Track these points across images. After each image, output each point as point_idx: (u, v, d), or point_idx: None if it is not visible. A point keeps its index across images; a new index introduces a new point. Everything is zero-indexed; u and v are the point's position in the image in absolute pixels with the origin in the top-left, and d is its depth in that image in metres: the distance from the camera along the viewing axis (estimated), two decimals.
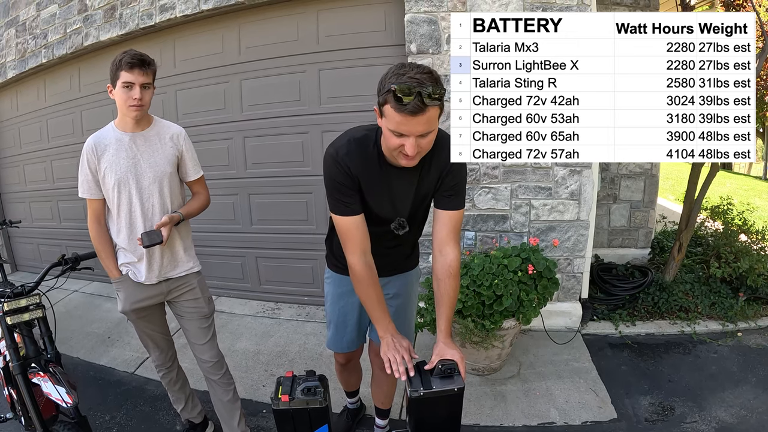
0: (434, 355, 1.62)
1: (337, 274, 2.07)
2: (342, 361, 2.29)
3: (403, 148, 1.50)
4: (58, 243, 5.51)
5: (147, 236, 1.99)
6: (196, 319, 2.27)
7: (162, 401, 2.89)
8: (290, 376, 1.70)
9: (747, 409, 2.71)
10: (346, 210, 1.70)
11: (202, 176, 2.28)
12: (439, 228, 1.77)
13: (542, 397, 2.86)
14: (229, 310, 4.25)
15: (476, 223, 3.57)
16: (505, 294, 2.77)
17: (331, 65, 3.71)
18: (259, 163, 4.14)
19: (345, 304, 2.08)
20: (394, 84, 1.40)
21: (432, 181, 1.77)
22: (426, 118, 1.45)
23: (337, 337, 2.16)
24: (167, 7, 4.00)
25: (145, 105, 2.01)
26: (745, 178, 17.02)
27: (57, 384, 2.00)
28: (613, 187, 4.67)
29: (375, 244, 1.82)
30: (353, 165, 1.66)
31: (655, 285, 3.96)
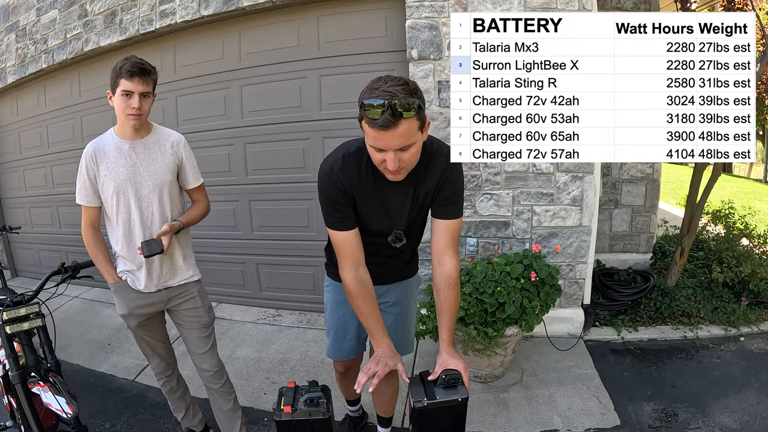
0: (437, 365, 1.61)
1: (336, 283, 2.05)
2: (341, 369, 2.28)
3: (385, 163, 1.49)
4: (57, 249, 5.50)
5: (147, 246, 1.98)
6: (196, 328, 2.26)
7: (163, 409, 2.87)
8: (292, 387, 1.68)
9: (750, 414, 2.70)
10: (340, 225, 1.70)
11: (202, 184, 2.27)
12: (438, 238, 1.76)
13: (545, 404, 2.85)
14: (230, 317, 4.23)
15: (478, 230, 3.56)
16: (507, 301, 2.76)
17: (332, 71, 3.71)
18: (260, 170, 4.14)
19: (344, 313, 2.07)
20: (366, 99, 1.39)
21: (429, 192, 1.75)
22: (400, 131, 1.41)
23: (337, 345, 2.15)
24: (167, 13, 4.00)
25: (144, 114, 2.00)
26: (745, 181, 17.05)
27: (57, 394, 1.99)
28: (614, 192, 4.67)
29: (373, 255, 1.82)
30: (347, 180, 1.65)
31: (658, 290, 3.94)
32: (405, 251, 1.97)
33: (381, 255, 1.89)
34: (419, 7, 3.33)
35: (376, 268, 1.83)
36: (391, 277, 2.02)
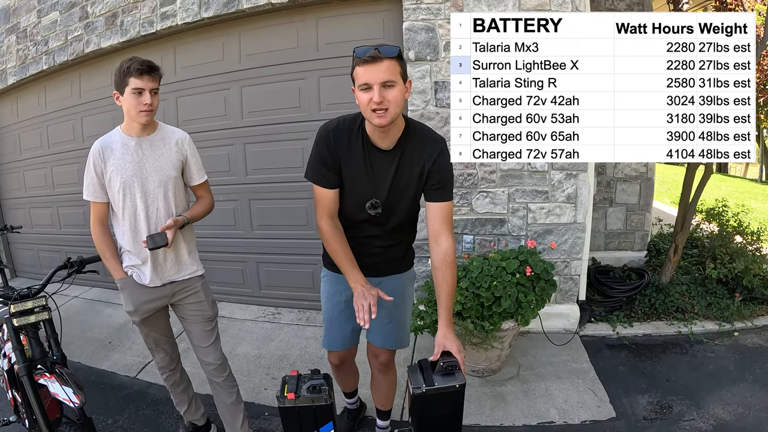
0: (436, 345, 1.69)
1: (332, 273, 2.12)
2: (336, 361, 2.30)
3: (372, 102, 1.62)
4: (57, 249, 5.52)
5: (151, 239, 2.03)
6: (200, 322, 2.30)
7: (164, 405, 2.91)
8: (295, 375, 1.73)
9: (744, 406, 2.75)
10: (324, 182, 1.87)
11: (206, 181, 2.31)
12: (432, 220, 1.85)
13: (541, 398, 2.90)
14: (230, 315, 4.27)
15: (474, 227, 3.61)
16: (503, 295, 2.81)
17: (331, 72, 3.76)
18: (260, 169, 4.18)
19: (339, 302, 2.13)
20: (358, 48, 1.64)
21: (414, 173, 1.84)
22: (384, 66, 1.60)
23: (331, 335, 2.20)
24: (168, 15, 4.05)
25: (154, 110, 2.06)
26: (741, 181, 17.12)
27: (64, 384, 2.02)
28: (609, 190, 4.72)
29: (363, 244, 1.94)
30: (337, 139, 1.81)
31: (652, 287, 4.00)
32: (398, 243, 2.04)
33: (374, 245, 1.98)
34: (416, 9, 3.39)
35: (369, 258, 1.95)
36: (384, 269, 2.07)
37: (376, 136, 1.79)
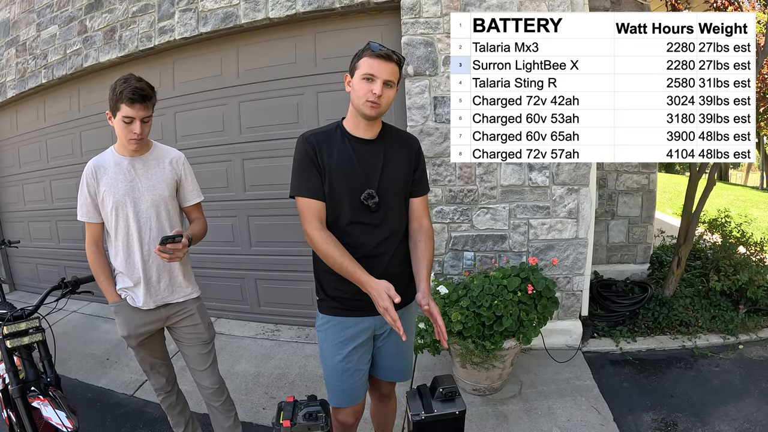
0: (421, 302, 1.72)
1: (336, 318, 1.88)
2: (352, 420, 1.98)
3: (371, 93, 1.69)
4: (56, 263, 5.51)
5: (165, 238, 1.91)
6: (196, 345, 2.26)
7: (162, 424, 2.86)
8: (291, 401, 1.69)
9: (750, 422, 2.70)
10: (311, 192, 1.78)
11: (200, 203, 2.28)
12: (414, 210, 1.92)
13: (544, 416, 2.85)
14: (229, 332, 4.23)
15: (475, 244, 3.57)
16: (505, 315, 2.77)
17: (329, 87, 3.75)
18: (258, 185, 4.16)
19: (355, 349, 1.88)
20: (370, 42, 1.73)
21: (403, 165, 1.87)
22: (391, 68, 1.70)
23: (345, 388, 1.90)
24: (166, 30, 4.05)
25: (145, 137, 2.04)
26: (742, 189, 17.09)
27: (57, 408, 1.99)
28: (610, 203, 4.70)
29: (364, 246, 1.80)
30: (319, 140, 1.81)
31: (655, 300, 3.96)
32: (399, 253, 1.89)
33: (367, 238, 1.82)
34: (414, 23, 3.38)
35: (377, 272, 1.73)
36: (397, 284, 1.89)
37: (360, 129, 1.82)
